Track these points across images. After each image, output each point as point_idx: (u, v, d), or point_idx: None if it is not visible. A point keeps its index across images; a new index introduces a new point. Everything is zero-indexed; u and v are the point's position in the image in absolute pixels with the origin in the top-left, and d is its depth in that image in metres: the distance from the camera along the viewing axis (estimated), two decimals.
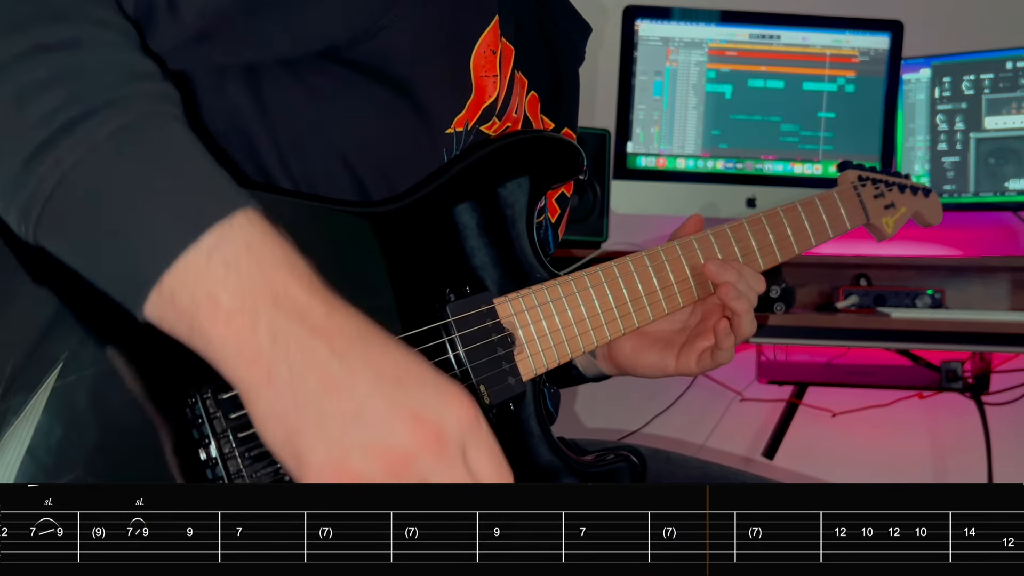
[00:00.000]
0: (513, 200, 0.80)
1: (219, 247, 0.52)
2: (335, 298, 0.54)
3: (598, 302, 0.83)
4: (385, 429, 0.51)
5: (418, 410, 0.52)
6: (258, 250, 0.53)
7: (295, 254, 0.54)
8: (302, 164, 0.74)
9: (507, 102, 0.83)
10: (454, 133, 0.77)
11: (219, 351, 0.52)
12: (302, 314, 0.52)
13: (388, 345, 0.54)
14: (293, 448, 0.52)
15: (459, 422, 0.53)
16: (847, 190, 1.04)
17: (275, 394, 0.51)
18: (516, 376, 0.77)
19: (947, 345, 1.74)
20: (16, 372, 0.58)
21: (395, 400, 0.52)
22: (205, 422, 0.62)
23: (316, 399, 0.51)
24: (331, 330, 0.52)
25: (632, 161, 1.95)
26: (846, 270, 2.02)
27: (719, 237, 0.92)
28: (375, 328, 0.55)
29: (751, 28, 1.93)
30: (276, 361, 0.51)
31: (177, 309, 0.52)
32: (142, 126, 0.54)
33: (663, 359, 0.92)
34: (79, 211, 0.52)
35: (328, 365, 0.51)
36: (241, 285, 0.51)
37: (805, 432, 2.18)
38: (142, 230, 0.52)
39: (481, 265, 0.78)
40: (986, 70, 1.95)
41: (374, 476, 0.52)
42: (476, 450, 0.54)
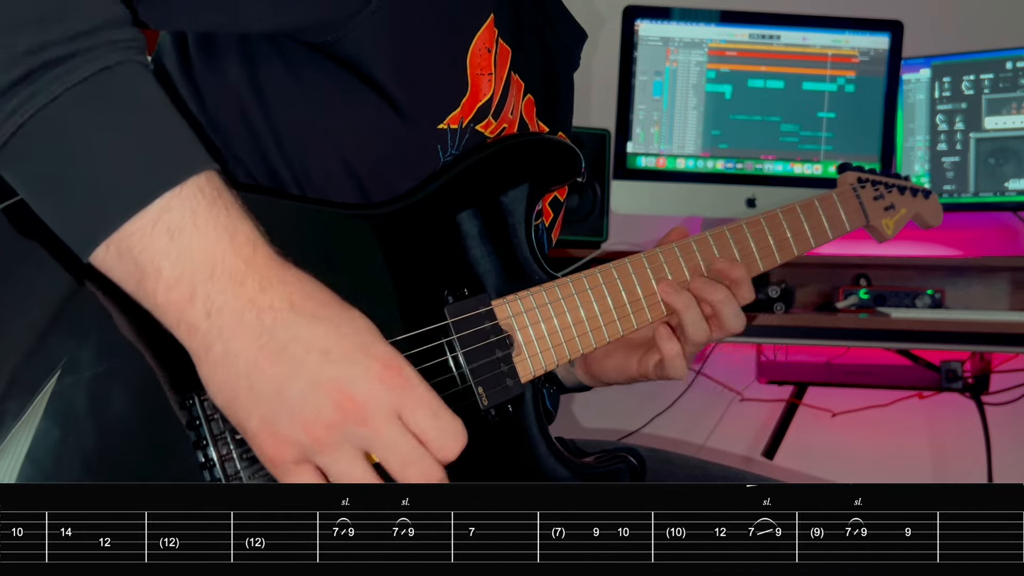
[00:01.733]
0: (511, 202, 0.80)
1: (164, 215, 0.53)
2: (273, 265, 0.56)
3: (596, 304, 0.83)
4: (310, 401, 0.54)
5: (342, 384, 0.54)
6: (203, 218, 0.54)
7: (241, 221, 0.56)
8: (301, 158, 0.75)
9: (503, 102, 0.83)
10: (447, 129, 0.77)
11: (162, 317, 0.55)
12: (236, 288, 0.54)
13: (318, 318, 0.55)
14: (233, 414, 0.55)
15: (386, 392, 0.55)
16: (846, 192, 1.04)
17: (212, 367, 0.54)
18: (514, 378, 0.77)
19: (947, 345, 1.74)
20: (15, 375, 0.58)
21: (319, 373, 0.54)
22: (203, 424, 0.62)
23: (248, 373, 0.54)
24: (262, 304, 0.54)
25: (632, 161, 1.95)
26: (846, 270, 2.02)
27: (718, 239, 0.92)
28: (310, 297, 0.56)
29: (751, 28, 1.93)
30: (211, 336, 0.54)
31: (123, 270, 0.54)
32: (105, 79, 0.54)
33: (627, 360, 0.92)
34: (34, 161, 0.53)
35: (258, 340, 0.54)
36: (181, 256, 0.53)
37: (805, 432, 2.18)
38: (93, 190, 0.53)
39: (479, 267, 0.78)
40: (986, 70, 1.94)
41: (304, 444, 0.55)
42: (411, 411, 0.56)
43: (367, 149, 0.75)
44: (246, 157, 0.75)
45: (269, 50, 0.73)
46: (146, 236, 0.53)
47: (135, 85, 0.55)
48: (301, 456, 0.55)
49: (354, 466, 0.56)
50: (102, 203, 0.53)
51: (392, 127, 0.74)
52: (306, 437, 0.54)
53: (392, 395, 0.55)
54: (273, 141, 0.74)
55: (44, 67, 0.52)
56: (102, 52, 0.54)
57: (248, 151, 0.75)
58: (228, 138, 0.75)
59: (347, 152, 0.75)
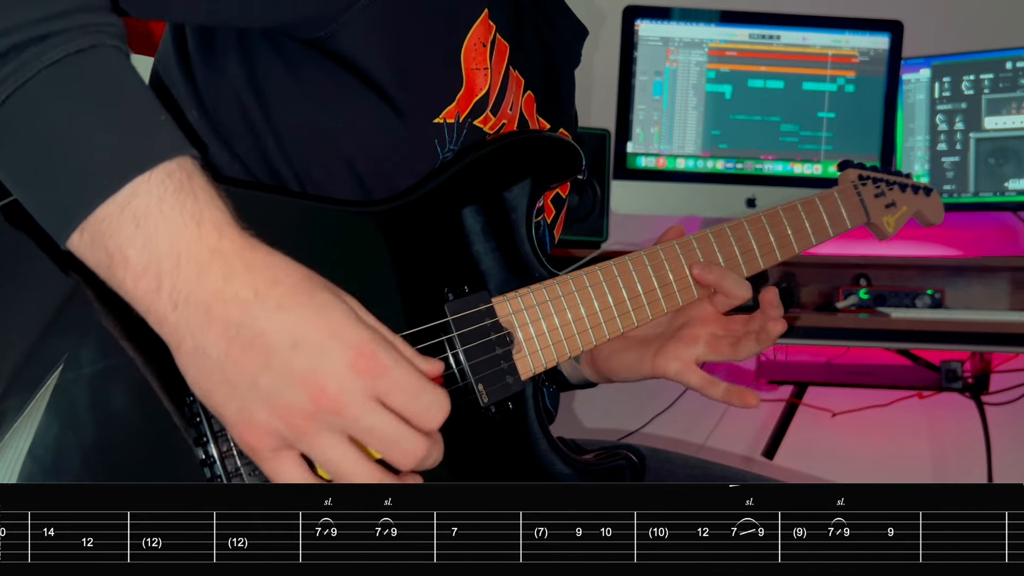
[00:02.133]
0: (512, 199, 0.80)
1: (132, 201, 0.53)
2: (238, 251, 0.54)
3: (597, 302, 0.83)
4: (284, 393, 0.53)
5: (312, 375, 0.53)
6: (169, 205, 0.53)
7: (209, 207, 0.55)
8: (300, 155, 0.75)
9: (501, 97, 0.83)
10: (443, 123, 0.77)
11: (134, 306, 0.55)
12: (201, 278, 0.53)
13: (283, 308, 0.54)
14: (210, 404, 0.55)
15: (358, 380, 0.54)
16: (847, 189, 1.04)
17: (185, 359, 0.54)
18: (514, 375, 0.77)
19: (947, 345, 1.73)
20: (16, 372, 0.58)
21: (289, 366, 0.53)
22: (203, 421, 0.62)
23: (220, 366, 0.53)
24: (227, 295, 0.53)
25: (632, 161, 1.95)
26: (846, 270, 2.02)
27: (719, 237, 0.92)
28: (276, 283, 0.55)
29: (751, 28, 1.93)
30: (180, 329, 0.54)
31: (95, 256, 0.54)
32: (78, 62, 0.53)
33: (640, 359, 0.92)
34: (8, 143, 0.53)
35: (226, 333, 0.53)
36: (147, 244, 0.53)
37: (805, 432, 2.17)
38: (65, 174, 0.53)
39: (479, 264, 0.78)
40: (986, 70, 1.94)
41: (283, 432, 0.54)
42: (388, 394, 0.55)
43: (365, 145, 0.75)
44: (246, 155, 0.75)
45: (267, 48, 0.73)
46: (114, 223, 0.52)
47: (109, 68, 0.55)
48: (281, 444, 0.55)
49: (337, 450, 0.55)
50: (73, 188, 0.53)
51: (388, 122, 0.74)
52: (284, 426, 0.54)
53: (366, 382, 0.54)
54: (273, 139, 0.74)
55: (15, 49, 0.52)
56: (75, 35, 0.53)
57: (248, 149, 0.75)
58: (228, 136, 0.75)
59: (346, 149, 0.75)
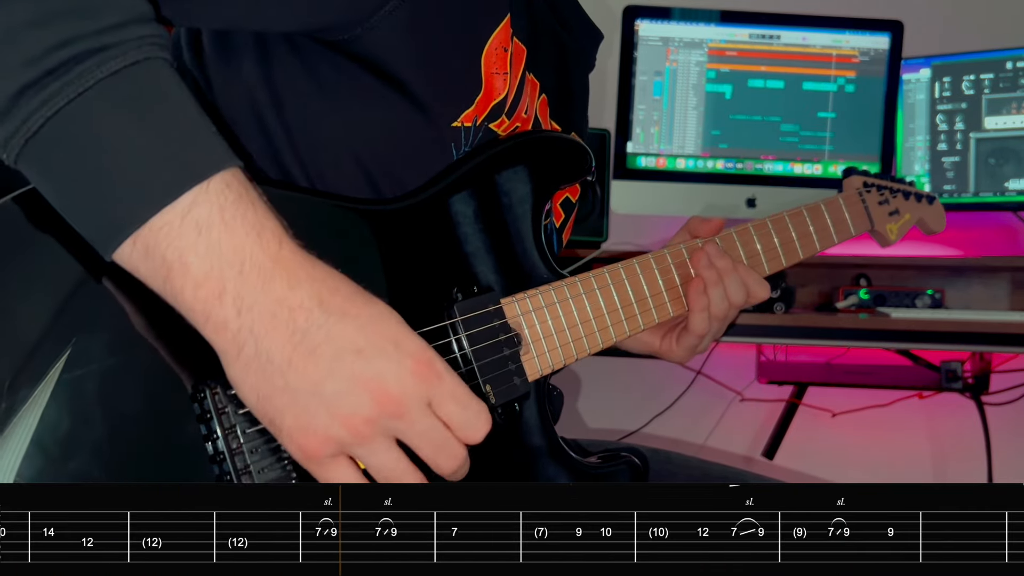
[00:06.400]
0: (521, 200, 0.80)
1: (193, 209, 0.53)
2: (300, 261, 0.56)
3: (604, 304, 0.83)
4: (347, 399, 0.55)
5: (377, 379, 0.56)
6: (230, 214, 0.54)
7: (267, 217, 0.56)
8: (313, 157, 0.75)
9: (517, 101, 0.83)
10: (461, 127, 0.77)
11: (188, 313, 0.55)
12: (265, 285, 0.54)
13: (347, 315, 0.56)
14: (264, 412, 0.56)
15: (419, 385, 0.57)
16: (852, 196, 1.04)
17: (244, 365, 0.55)
18: (522, 376, 0.77)
19: (947, 345, 1.74)
20: (22, 365, 0.58)
21: (354, 371, 0.55)
22: (213, 417, 0.62)
23: (282, 371, 0.54)
24: (292, 303, 0.55)
25: (632, 161, 1.95)
26: (846, 270, 2.02)
27: (725, 241, 0.93)
28: (337, 292, 0.56)
29: (751, 28, 1.93)
30: (242, 334, 0.54)
31: (149, 265, 0.54)
32: (133, 74, 0.54)
33: (651, 336, 0.96)
34: (61, 153, 0.53)
35: (291, 339, 0.54)
36: (210, 251, 0.53)
37: (805, 432, 2.18)
38: (121, 182, 0.53)
39: (489, 265, 0.78)
40: (986, 70, 1.95)
41: (342, 438, 0.56)
42: (440, 401, 0.58)
43: (381, 147, 0.75)
44: (258, 155, 0.75)
45: (285, 48, 0.73)
46: (174, 231, 0.53)
47: (162, 81, 0.55)
48: (338, 450, 0.56)
49: (391, 453, 0.57)
50: (129, 197, 0.53)
51: (407, 125, 0.75)
52: (345, 432, 0.55)
53: (424, 388, 0.57)
54: (287, 139, 0.74)
55: (74, 60, 0.52)
56: (131, 47, 0.54)
57: (260, 149, 0.75)
58: (240, 135, 0.75)
59: (361, 150, 0.75)
